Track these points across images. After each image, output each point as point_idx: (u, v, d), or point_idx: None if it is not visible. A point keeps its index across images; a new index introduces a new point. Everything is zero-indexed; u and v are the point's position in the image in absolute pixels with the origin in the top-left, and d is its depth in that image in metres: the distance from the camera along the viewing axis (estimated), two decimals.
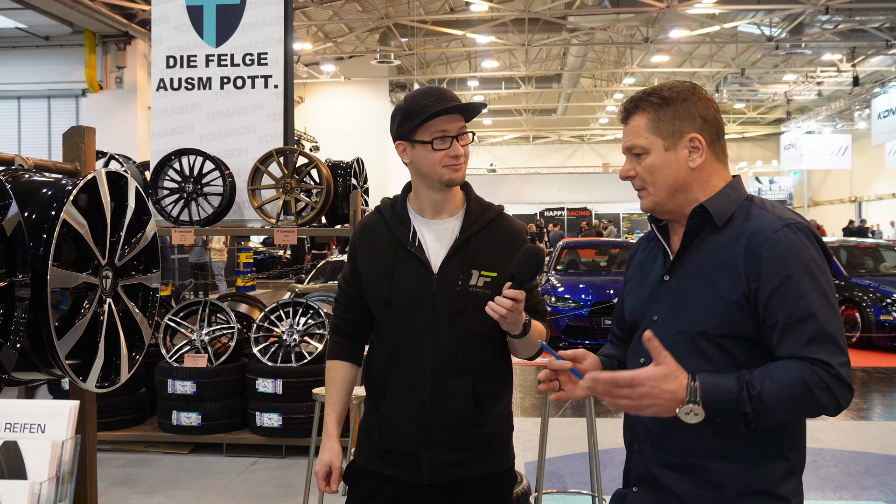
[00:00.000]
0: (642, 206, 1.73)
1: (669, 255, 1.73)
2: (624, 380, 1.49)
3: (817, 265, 1.55)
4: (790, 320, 1.50)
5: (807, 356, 1.48)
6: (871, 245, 12.56)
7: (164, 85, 6.07)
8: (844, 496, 4.70)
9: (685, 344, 1.60)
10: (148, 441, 5.59)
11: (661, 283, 1.70)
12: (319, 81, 24.61)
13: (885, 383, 8.28)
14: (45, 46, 17.24)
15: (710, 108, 1.68)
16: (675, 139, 1.66)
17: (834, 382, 1.47)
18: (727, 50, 23.74)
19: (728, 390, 1.46)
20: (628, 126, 1.73)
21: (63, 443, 1.24)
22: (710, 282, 1.60)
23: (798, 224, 1.58)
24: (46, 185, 1.96)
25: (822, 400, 1.47)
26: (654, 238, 1.82)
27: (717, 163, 1.70)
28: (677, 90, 1.68)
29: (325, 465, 2.08)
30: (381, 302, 2.07)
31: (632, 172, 1.72)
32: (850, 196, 32.84)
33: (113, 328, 2.10)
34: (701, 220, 1.65)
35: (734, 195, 1.67)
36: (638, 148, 1.69)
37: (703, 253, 1.64)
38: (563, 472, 5.15)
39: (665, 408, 1.47)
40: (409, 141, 2.05)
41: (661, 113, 1.67)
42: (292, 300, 5.73)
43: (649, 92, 1.70)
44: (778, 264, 1.54)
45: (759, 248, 1.56)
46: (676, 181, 1.67)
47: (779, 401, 1.45)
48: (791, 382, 1.46)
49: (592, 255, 12.63)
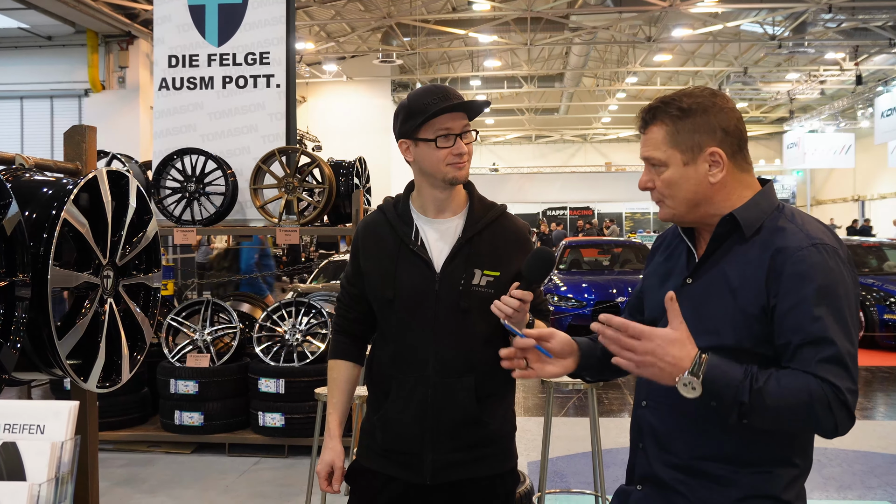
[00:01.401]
0: (660, 216, 1.69)
1: (695, 256, 1.69)
2: (635, 329, 1.46)
3: (840, 287, 1.51)
4: (805, 341, 1.47)
5: (817, 374, 1.45)
6: (875, 244, 12.53)
7: (166, 84, 6.06)
8: (849, 496, 4.68)
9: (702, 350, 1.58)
10: (150, 441, 5.59)
11: (683, 284, 1.67)
12: (322, 81, 24.59)
13: (889, 382, 8.26)
14: (48, 46, 17.24)
15: (732, 118, 1.62)
16: (695, 153, 1.60)
17: (837, 405, 1.43)
18: (730, 49, 23.68)
19: (732, 376, 1.44)
20: (646, 136, 1.66)
21: (62, 444, 1.23)
22: (731, 292, 1.57)
23: (825, 244, 1.53)
24: (47, 185, 1.95)
25: (821, 417, 1.44)
26: (678, 236, 1.77)
27: (741, 174, 1.64)
28: (697, 100, 1.62)
29: (327, 465, 2.07)
30: (383, 301, 2.06)
31: (650, 184, 1.67)
32: (854, 195, 32.76)
33: (114, 328, 2.09)
34: (730, 228, 1.61)
35: (765, 204, 1.62)
36: (656, 160, 1.64)
37: (729, 263, 1.60)
38: (566, 471, 5.13)
39: (666, 373, 1.45)
40: (412, 139, 2.04)
41: (679, 125, 1.61)
42: (294, 300, 5.73)
43: (667, 101, 1.64)
44: (799, 283, 1.50)
45: (782, 264, 1.52)
46: (696, 196, 1.62)
47: (778, 403, 1.43)
48: (796, 389, 1.44)
49: (595, 255, 12.61)
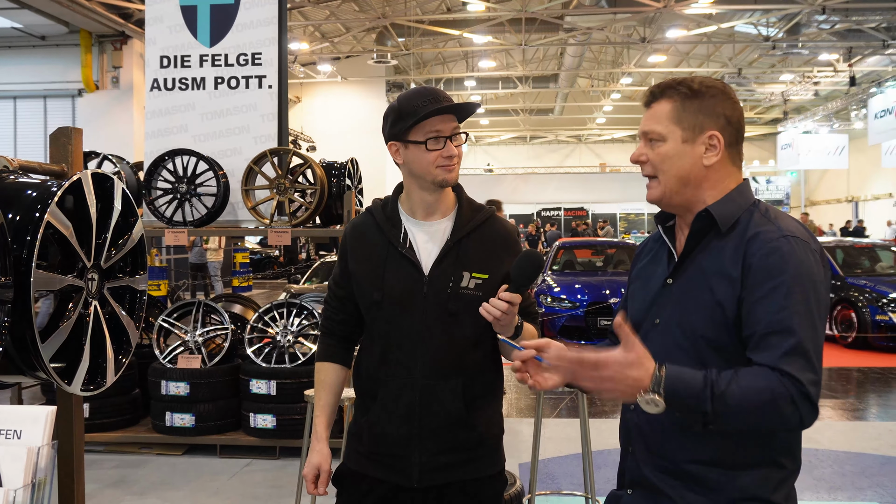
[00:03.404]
0: (649, 197, 1.70)
1: (675, 256, 1.71)
2: (589, 361, 1.48)
3: (809, 280, 1.52)
4: (768, 331, 1.48)
5: (779, 368, 1.45)
6: (868, 245, 12.56)
7: (157, 85, 6.05)
8: (839, 497, 4.69)
9: (685, 349, 1.59)
10: (141, 442, 5.57)
11: (663, 286, 1.68)
12: (316, 81, 24.59)
13: (881, 383, 8.27)
14: (41, 46, 17.20)
15: (736, 110, 1.65)
16: (695, 133, 1.63)
17: (800, 399, 1.43)
18: (724, 50, 23.75)
19: (693, 386, 1.44)
20: (650, 110, 1.69)
21: (39, 449, 1.22)
22: (709, 288, 1.58)
23: (796, 237, 1.55)
24: (31, 187, 1.94)
25: (786, 413, 1.43)
26: (659, 239, 1.79)
27: (731, 166, 1.67)
28: (708, 85, 1.65)
29: (313, 468, 2.07)
30: (371, 303, 2.05)
31: (644, 157, 1.69)
32: (847, 196, 32.86)
33: (99, 331, 2.08)
34: (705, 224, 1.63)
35: (741, 200, 1.65)
36: (655, 134, 1.66)
37: (706, 258, 1.62)
38: (557, 473, 5.13)
39: (627, 393, 1.46)
40: (402, 141, 2.04)
41: (686, 104, 1.64)
42: (286, 301, 5.71)
43: (679, 81, 1.67)
44: (767, 273, 1.51)
45: (753, 256, 1.54)
46: (688, 175, 1.64)
47: (741, 405, 1.43)
48: (758, 390, 1.43)
49: (589, 256, 12.62)
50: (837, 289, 10.48)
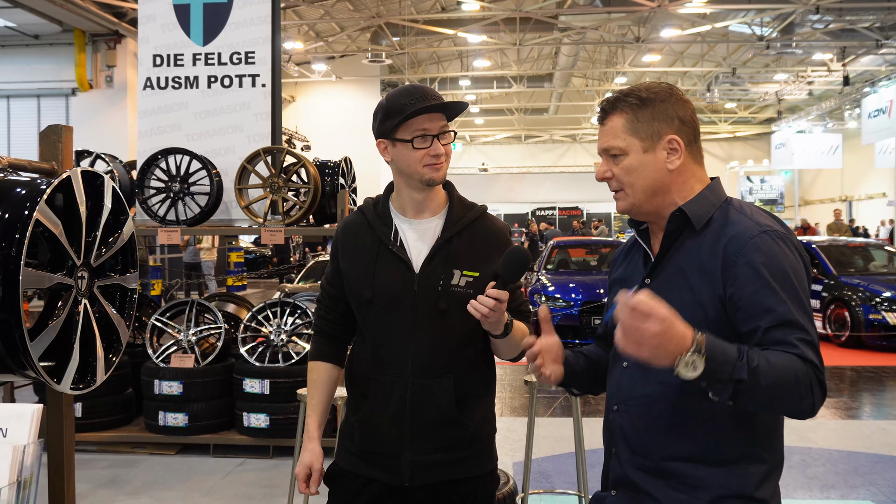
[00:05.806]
0: (618, 208, 1.71)
1: (651, 257, 1.71)
2: (643, 306, 1.37)
3: (794, 272, 1.54)
4: (774, 323, 1.48)
5: (798, 353, 1.45)
6: (861, 244, 12.59)
7: (150, 84, 6.03)
8: (832, 495, 4.70)
9: None
10: (134, 442, 5.55)
11: (641, 286, 1.68)
12: (311, 80, 24.54)
13: (875, 382, 8.30)
14: (35, 45, 17.14)
15: (688, 109, 1.67)
16: (654, 140, 1.65)
17: (817, 385, 1.45)
18: (718, 49, 23.75)
19: (730, 353, 1.41)
20: (605, 127, 1.70)
21: (24, 447, 1.21)
22: (688, 286, 1.59)
23: (775, 231, 1.57)
24: (20, 185, 1.93)
25: (804, 396, 1.44)
26: (635, 244, 1.80)
27: (694, 164, 1.68)
28: (655, 91, 1.67)
29: (305, 467, 2.06)
30: (362, 302, 2.05)
31: (608, 174, 1.70)
32: (841, 195, 32.92)
33: (89, 329, 2.07)
34: (680, 223, 1.64)
35: (713, 198, 1.66)
36: (616, 149, 1.67)
37: (682, 257, 1.63)
38: (550, 472, 5.13)
39: (668, 351, 1.37)
40: (390, 139, 2.04)
41: (639, 114, 1.65)
42: (280, 300, 5.70)
43: (626, 92, 1.68)
44: (755, 270, 1.52)
45: (735, 253, 1.54)
46: (655, 183, 1.66)
47: (770, 382, 1.41)
48: (784, 368, 1.43)
49: (583, 255, 12.63)
50: (831, 288, 10.50)
